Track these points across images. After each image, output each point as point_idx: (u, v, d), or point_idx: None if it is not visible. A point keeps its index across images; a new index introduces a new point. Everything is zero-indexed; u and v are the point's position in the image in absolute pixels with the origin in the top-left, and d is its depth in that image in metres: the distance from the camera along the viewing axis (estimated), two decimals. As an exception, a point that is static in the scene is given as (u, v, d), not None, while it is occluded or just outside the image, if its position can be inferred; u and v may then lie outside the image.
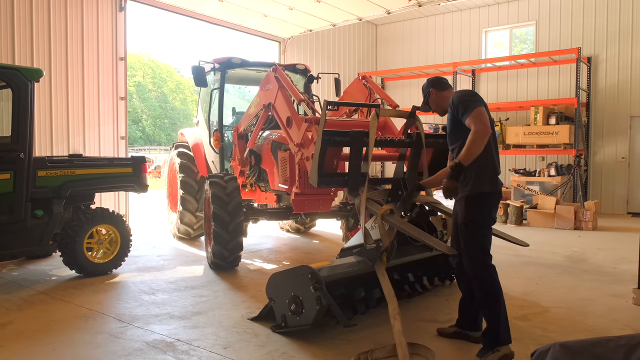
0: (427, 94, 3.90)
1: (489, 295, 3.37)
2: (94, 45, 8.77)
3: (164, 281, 5.53)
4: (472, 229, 3.41)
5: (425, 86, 3.94)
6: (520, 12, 12.95)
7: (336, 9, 10.41)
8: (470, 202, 3.40)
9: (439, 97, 3.84)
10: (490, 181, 3.41)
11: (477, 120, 3.27)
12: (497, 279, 3.44)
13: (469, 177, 3.38)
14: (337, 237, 8.22)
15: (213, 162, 7.48)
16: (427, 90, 3.89)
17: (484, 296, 3.39)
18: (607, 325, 4.10)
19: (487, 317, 3.39)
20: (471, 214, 3.40)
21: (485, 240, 3.46)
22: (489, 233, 3.51)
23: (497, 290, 3.40)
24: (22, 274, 5.84)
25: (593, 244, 7.83)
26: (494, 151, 3.48)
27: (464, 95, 3.47)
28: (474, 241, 3.42)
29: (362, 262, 3.96)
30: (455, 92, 3.65)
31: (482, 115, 3.30)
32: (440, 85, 3.86)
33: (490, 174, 3.42)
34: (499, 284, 3.43)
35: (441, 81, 3.91)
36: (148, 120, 41.19)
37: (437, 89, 3.85)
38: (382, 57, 15.36)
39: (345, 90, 6.70)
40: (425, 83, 3.97)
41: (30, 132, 5.06)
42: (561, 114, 11.00)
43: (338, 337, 3.82)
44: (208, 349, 3.59)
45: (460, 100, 3.43)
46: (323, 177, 4.16)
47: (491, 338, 3.34)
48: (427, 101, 3.92)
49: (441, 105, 3.85)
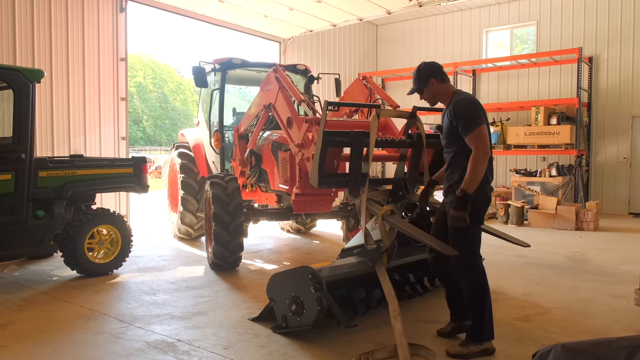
0: (425, 83, 3.63)
1: (477, 294, 3.46)
2: (94, 46, 8.78)
3: (165, 281, 5.53)
4: (462, 231, 3.43)
5: (425, 74, 3.63)
6: (521, 12, 12.94)
7: (336, 9, 10.41)
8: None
9: (438, 89, 3.62)
10: (482, 187, 3.43)
11: (478, 143, 3.29)
12: (485, 279, 3.51)
13: (459, 181, 3.43)
14: (338, 237, 8.22)
15: (214, 162, 7.49)
16: (427, 80, 3.62)
17: (472, 295, 3.47)
18: (608, 326, 4.09)
19: (473, 314, 3.48)
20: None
21: (474, 242, 3.52)
22: (479, 234, 3.58)
23: (484, 289, 3.47)
24: (24, 274, 5.84)
25: (594, 245, 7.81)
26: (489, 161, 3.48)
27: (468, 109, 3.40)
28: (464, 242, 3.45)
29: (362, 262, 3.95)
30: (458, 96, 3.54)
31: (483, 137, 3.30)
32: (442, 76, 3.63)
33: (482, 182, 3.42)
34: (486, 283, 3.50)
35: (442, 71, 3.66)
36: (149, 120, 41.23)
37: (438, 79, 3.61)
38: (383, 57, 15.36)
39: (346, 90, 6.69)
40: (424, 69, 3.65)
41: (31, 133, 5.06)
42: (562, 114, 10.99)
43: (339, 337, 3.81)
44: (209, 350, 3.58)
45: (463, 113, 3.38)
46: (323, 178, 4.15)
47: (475, 333, 3.46)
48: (421, 89, 3.66)
49: (437, 97, 3.65)
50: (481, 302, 3.44)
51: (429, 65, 3.68)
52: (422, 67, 3.67)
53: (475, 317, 3.46)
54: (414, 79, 3.71)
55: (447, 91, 3.62)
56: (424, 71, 3.65)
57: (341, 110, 6.44)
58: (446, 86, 3.64)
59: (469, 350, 3.42)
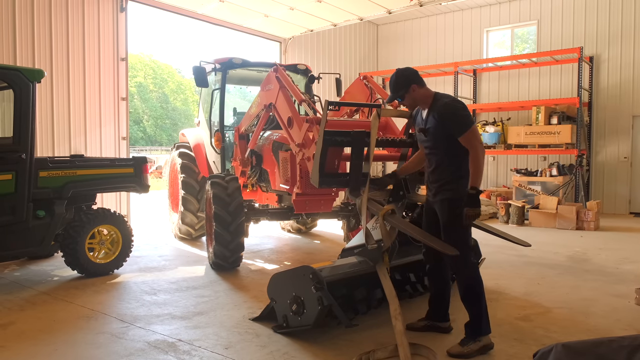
0: (407, 90, 3.64)
1: (473, 290, 3.55)
2: (95, 45, 8.78)
3: (166, 281, 5.53)
4: (458, 229, 3.54)
5: (404, 81, 3.64)
6: (522, 11, 12.93)
7: (337, 9, 10.40)
8: (455, 204, 3.52)
9: (418, 94, 3.66)
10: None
11: (475, 142, 3.45)
12: (479, 274, 3.62)
13: (453, 182, 3.55)
14: (339, 237, 8.21)
15: (214, 162, 7.49)
16: (407, 86, 3.63)
17: (468, 292, 3.56)
18: (609, 326, 4.09)
19: (471, 311, 3.57)
20: (457, 215, 3.50)
21: (468, 239, 3.64)
22: (470, 232, 3.68)
23: (480, 285, 3.57)
24: (24, 274, 5.85)
25: (595, 244, 7.81)
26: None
27: (458, 110, 3.52)
28: (459, 240, 3.53)
29: (363, 262, 3.95)
30: (443, 99, 3.60)
31: (478, 135, 3.52)
32: (421, 81, 3.67)
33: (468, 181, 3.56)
34: (481, 279, 3.60)
35: (420, 76, 3.70)
36: (149, 120, 41.25)
37: (418, 84, 3.64)
38: (384, 57, 15.36)
39: (347, 90, 6.69)
40: (403, 76, 3.66)
41: (31, 133, 5.06)
42: (563, 114, 10.98)
43: (339, 337, 3.82)
44: (209, 349, 3.59)
45: (455, 115, 3.49)
46: (324, 178, 4.15)
47: (474, 330, 3.52)
48: (403, 96, 3.68)
49: (417, 102, 3.70)
50: (478, 298, 3.53)
51: (408, 72, 3.71)
52: (400, 75, 3.69)
53: (474, 313, 3.54)
54: (394, 87, 3.72)
55: (426, 94, 3.69)
56: (404, 78, 3.67)
57: (342, 110, 6.44)
58: (425, 90, 3.70)
59: (469, 349, 3.47)
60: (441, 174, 3.62)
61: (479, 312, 3.52)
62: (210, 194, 5.89)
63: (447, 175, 3.59)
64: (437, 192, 3.65)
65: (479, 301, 3.52)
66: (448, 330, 3.91)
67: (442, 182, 3.61)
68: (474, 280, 3.56)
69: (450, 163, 3.58)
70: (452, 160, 3.57)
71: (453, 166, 3.57)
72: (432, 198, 3.70)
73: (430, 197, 3.75)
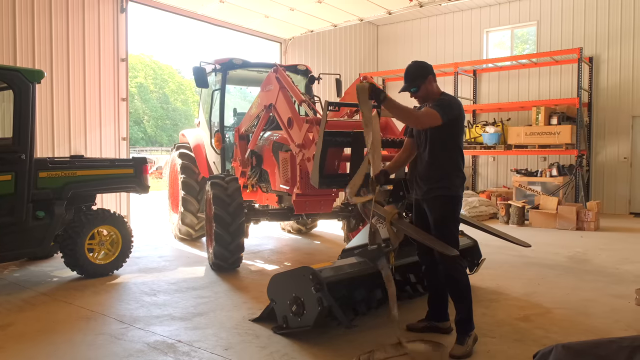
0: (424, 80, 3.64)
1: (461, 286, 3.61)
2: (95, 46, 8.78)
3: (165, 282, 5.53)
4: (449, 226, 3.65)
5: (422, 71, 3.64)
6: (522, 12, 12.93)
7: (337, 9, 10.41)
8: (447, 202, 3.62)
9: (432, 88, 3.69)
10: (460, 185, 3.70)
11: (427, 117, 3.48)
12: (464, 269, 3.74)
13: (442, 179, 3.61)
14: (339, 237, 8.21)
15: (214, 163, 7.48)
16: (425, 76, 3.63)
17: (458, 288, 3.63)
18: (609, 326, 4.09)
19: (461, 307, 3.61)
20: (449, 212, 3.63)
21: (457, 236, 3.75)
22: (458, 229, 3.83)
23: (468, 281, 3.68)
24: (24, 275, 5.84)
25: (595, 245, 7.80)
26: (461, 159, 3.72)
27: (445, 101, 3.60)
28: (450, 236, 3.60)
29: (363, 263, 3.95)
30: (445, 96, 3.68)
31: (432, 119, 3.48)
32: (434, 75, 3.71)
33: (460, 180, 3.69)
34: (465, 272, 3.71)
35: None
36: (149, 121, 41.27)
37: (433, 77, 3.68)
38: (384, 57, 15.35)
39: (347, 90, 6.68)
40: (420, 67, 3.67)
41: (31, 134, 5.06)
42: (563, 114, 10.98)
43: (339, 338, 3.81)
44: (209, 350, 3.58)
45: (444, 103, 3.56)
46: (324, 178, 4.16)
47: (465, 325, 3.59)
48: (419, 86, 3.65)
49: (429, 95, 3.69)
50: (467, 294, 3.61)
51: (425, 63, 3.74)
52: (419, 65, 3.71)
53: (465, 309, 3.60)
54: (412, 76, 3.68)
55: (437, 90, 3.73)
56: (422, 69, 3.68)
57: (342, 110, 6.43)
58: (437, 85, 3.76)
59: (468, 345, 3.51)
60: (434, 171, 3.65)
61: (469, 308, 3.59)
62: (210, 195, 5.89)
63: (439, 173, 3.62)
64: (429, 190, 3.67)
65: (469, 297, 3.60)
66: (448, 330, 3.90)
67: (434, 179, 3.63)
68: (464, 275, 3.64)
69: (443, 161, 3.62)
70: (444, 158, 3.62)
71: (446, 164, 3.62)
72: (423, 196, 3.72)
73: (418, 195, 3.76)
